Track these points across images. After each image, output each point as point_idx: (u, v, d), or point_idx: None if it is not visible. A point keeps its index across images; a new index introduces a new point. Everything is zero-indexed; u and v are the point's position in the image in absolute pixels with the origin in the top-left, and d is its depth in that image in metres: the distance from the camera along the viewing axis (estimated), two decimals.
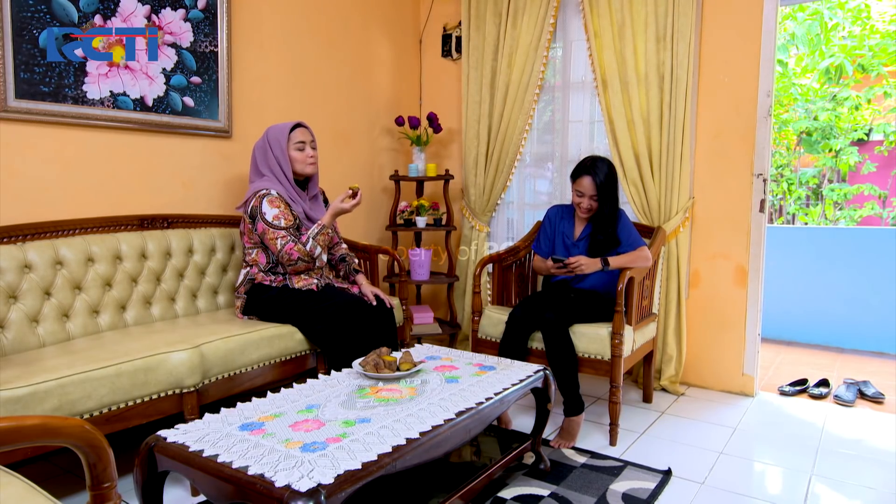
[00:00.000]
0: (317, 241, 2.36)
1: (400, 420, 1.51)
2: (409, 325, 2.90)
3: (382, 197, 3.71)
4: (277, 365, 2.26)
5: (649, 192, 3.01)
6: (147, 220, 2.44)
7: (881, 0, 6.98)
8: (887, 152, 7.52)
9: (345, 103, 3.41)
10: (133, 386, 1.80)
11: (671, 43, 2.89)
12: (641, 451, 2.33)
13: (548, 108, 3.53)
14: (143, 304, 2.38)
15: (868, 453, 2.37)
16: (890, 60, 6.91)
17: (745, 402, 2.90)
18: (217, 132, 2.71)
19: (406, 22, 3.81)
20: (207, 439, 1.38)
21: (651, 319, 2.77)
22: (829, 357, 3.88)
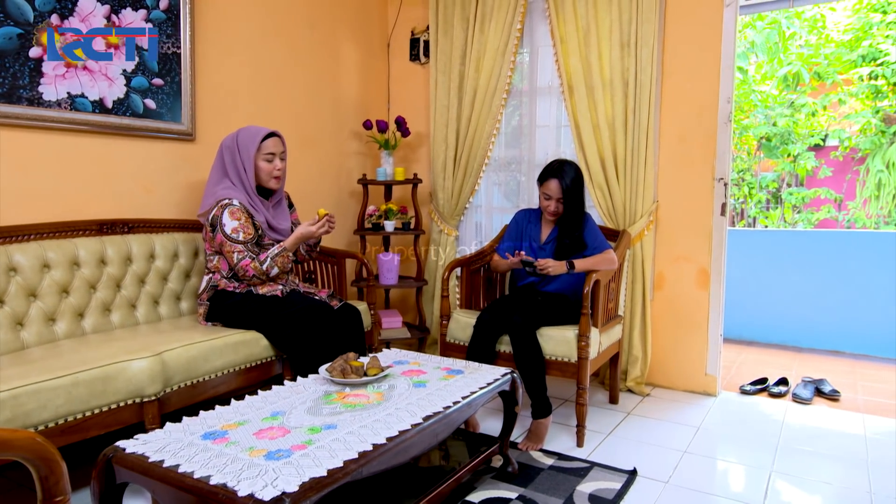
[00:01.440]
0: (275, 261, 2.32)
1: (367, 426, 1.50)
2: (377, 330, 2.89)
3: (350, 201, 3.69)
4: (242, 372, 2.22)
5: (615, 195, 3.06)
6: (106, 225, 2.38)
7: (835, 10, 7.25)
8: (842, 157, 7.82)
9: (312, 106, 3.38)
10: (91, 396, 1.75)
11: (635, 49, 2.94)
12: (608, 452, 2.36)
13: (516, 113, 3.56)
14: (102, 312, 2.31)
15: (825, 450, 2.45)
16: (844, 69, 7.19)
17: (708, 402, 2.97)
18: (180, 135, 2.66)
19: (374, 25, 3.80)
20: (168, 449, 1.35)
21: (617, 321, 2.82)
22: (787, 356, 4.00)
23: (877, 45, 7.08)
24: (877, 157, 7.45)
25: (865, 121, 7.31)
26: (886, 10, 7.02)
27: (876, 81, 7.14)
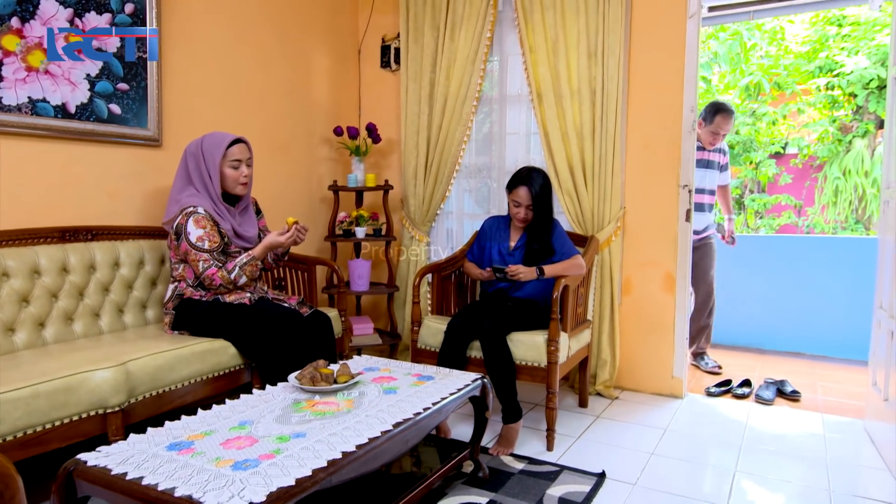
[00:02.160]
0: (243, 270, 2.30)
1: (336, 433, 1.49)
2: (348, 337, 2.87)
3: (321, 207, 3.67)
4: (209, 381, 2.19)
5: (583, 202, 3.11)
6: (69, 233, 2.32)
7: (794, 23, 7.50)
8: (801, 165, 8.08)
9: (282, 112, 3.36)
10: (51, 407, 1.71)
11: (602, 59, 3.01)
12: (577, 455, 2.39)
13: (486, 120, 3.60)
14: (63, 321, 2.26)
15: (786, 449, 2.52)
16: (802, 79, 7.43)
17: (675, 404, 3.03)
18: (146, 141, 2.62)
19: (345, 32, 3.80)
20: (132, 461, 1.32)
21: (586, 326, 2.86)
22: (751, 358, 4.11)
23: (833, 57, 7.36)
24: (834, 164, 7.73)
25: (823, 129, 7.58)
26: (841, 24, 7.30)
27: (832, 92, 7.42)
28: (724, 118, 3.42)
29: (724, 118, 3.42)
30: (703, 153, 3.50)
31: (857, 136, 7.63)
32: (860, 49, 7.24)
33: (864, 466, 2.37)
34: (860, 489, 2.17)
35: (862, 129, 7.59)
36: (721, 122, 3.42)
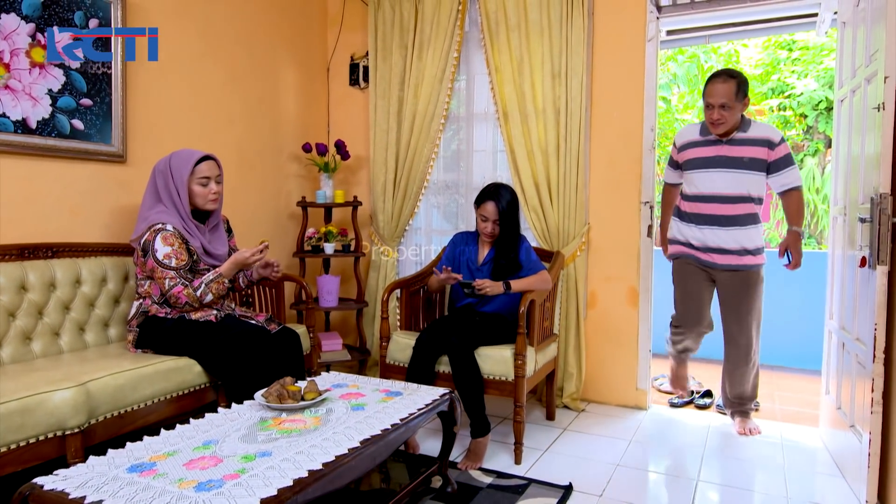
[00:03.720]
0: (209, 287, 2.27)
1: (303, 451, 1.49)
2: (316, 353, 2.86)
3: (289, 223, 3.66)
4: (174, 400, 2.15)
5: (549, 218, 3.18)
6: (28, 250, 2.27)
7: (747, 47, 7.83)
8: None
9: (250, 129, 3.35)
10: (7, 430, 1.66)
11: (565, 79, 3.10)
12: (545, 468, 2.42)
13: (454, 138, 3.65)
14: (21, 340, 2.19)
15: (746, 458, 2.60)
16: (757, 100, 7.74)
17: (640, 415, 3.09)
18: (110, 157, 2.58)
19: (314, 50, 3.82)
20: (91, 484, 1.30)
21: (552, 340, 2.91)
22: (712, 369, 4.20)
23: (784, 80, 7.70)
24: None
25: None
26: (791, 48, 7.66)
27: (784, 112, 7.75)
28: (710, 84, 2.60)
29: (710, 83, 2.60)
30: (707, 148, 2.69)
31: (807, 154, 7.97)
32: (809, 72, 7.59)
33: (820, 473, 2.46)
34: (817, 496, 2.25)
35: (812, 148, 7.93)
36: (709, 89, 2.60)
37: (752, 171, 2.64)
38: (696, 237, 2.80)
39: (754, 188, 2.66)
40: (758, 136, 2.62)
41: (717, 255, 2.76)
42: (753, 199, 2.68)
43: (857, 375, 2.25)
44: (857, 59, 2.39)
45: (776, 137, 2.62)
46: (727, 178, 2.67)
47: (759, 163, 2.63)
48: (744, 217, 2.68)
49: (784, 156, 2.61)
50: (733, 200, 2.68)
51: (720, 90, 2.55)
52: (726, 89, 2.54)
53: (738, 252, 2.71)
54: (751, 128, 2.63)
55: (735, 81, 2.54)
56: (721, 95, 2.54)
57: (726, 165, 2.66)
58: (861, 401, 2.16)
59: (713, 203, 2.72)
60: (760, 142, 2.61)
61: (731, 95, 2.53)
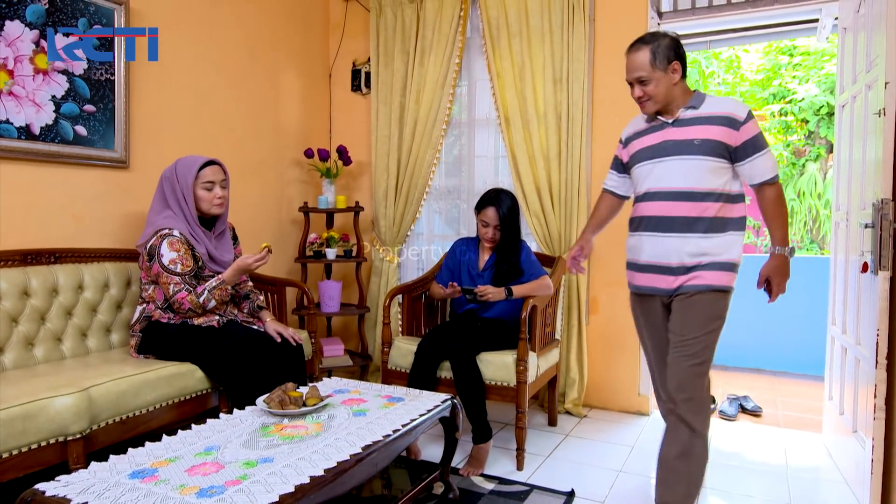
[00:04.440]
0: (212, 294, 2.28)
1: (304, 458, 1.49)
2: (318, 359, 2.86)
3: (291, 229, 3.66)
4: (176, 405, 2.15)
5: (550, 223, 3.18)
6: (31, 255, 2.27)
7: (749, 52, 7.85)
8: None
9: (252, 135, 3.36)
10: (9, 436, 1.66)
11: (567, 85, 3.10)
12: (547, 474, 2.41)
13: (456, 143, 3.66)
14: (24, 346, 2.19)
15: (749, 464, 2.59)
16: (758, 106, 7.76)
17: (642, 421, 3.08)
18: (113, 163, 2.59)
19: (315, 56, 3.84)
20: (93, 490, 1.30)
21: (554, 345, 2.90)
22: (714, 374, 4.19)
23: (785, 85, 7.72)
24: (789, 186, 8.05)
25: (778, 153, 7.91)
26: (793, 54, 7.68)
27: (786, 118, 7.77)
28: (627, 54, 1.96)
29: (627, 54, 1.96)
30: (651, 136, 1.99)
31: (809, 159, 7.98)
32: (810, 77, 7.61)
33: (823, 479, 2.45)
34: (820, 503, 2.24)
35: (814, 153, 7.94)
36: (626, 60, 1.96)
37: (706, 157, 1.87)
38: (635, 249, 2.05)
39: (713, 180, 1.88)
40: (714, 112, 1.89)
41: (658, 277, 1.96)
42: (712, 194, 1.88)
43: (859, 381, 2.25)
44: (857, 65, 2.39)
45: (740, 113, 1.86)
46: (673, 169, 1.92)
47: (717, 146, 1.86)
48: (698, 220, 1.88)
49: (752, 137, 1.86)
50: (680, 197, 1.90)
51: (632, 63, 1.94)
52: (638, 60, 1.91)
53: (690, 269, 1.91)
54: (704, 103, 1.92)
55: (648, 47, 1.89)
56: (634, 69, 1.92)
57: (672, 152, 1.92)
58: (864, 407, 2.16)
59: (655, 201, 1.96)
60: (717, 119, 1.88)
61: (647, 65, 1.89)
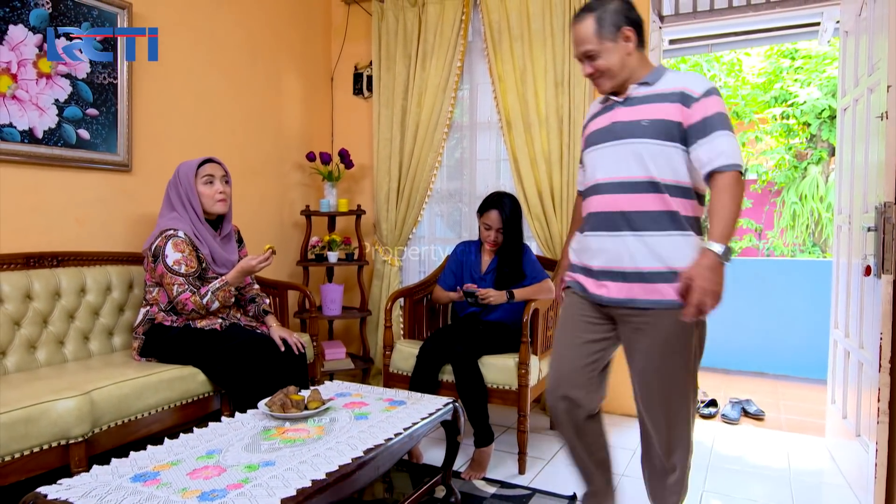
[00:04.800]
0: (216, 295, 2.28)
1: (306, 461, 1.49)
2: (320, 362, 2.86)
3: (293, 232, 3.67)
4: (178, 409, 2.15)
5: (552, 226, 3.18)
6: (34, 259, 2.28)
7: (750, 55, 7.85)
8: (760, 190, 8.39)
9: (254, 138, 3.37)
10: (11, 439, 1.66)
11: (568, 88, 3.11)
12: (549, 478, 2.41)
13: (457, 147, 3.66)
14: (26, 349, 2.20)
15: (751, 468, 2.58)
16: (759, 109, 7.76)
17: None
18: (116, 166, 2.59)
19: (317, 60, 3.85)
20: (94, 494, 1.30)
21: None
22: (717, 378, 4.20)
23: (787, 88, 7.72)
24: (791, 190, 8.04)
25: (780, 157, 7.91)
26: (794, 57, 7.68)
27: (788, 121, 7.76)
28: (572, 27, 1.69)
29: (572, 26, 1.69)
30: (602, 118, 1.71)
31: (811, 162, 7.97)
32: (812, 81, 7.61)
33: (826, 484, 2.44)
34: None
35: (816, 157, 7.93)
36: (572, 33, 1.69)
37: (657, 141, 1.57)
38: (581, 252, 1.75)
39: (665, 168, 1.57)
40: (668, 88, 1.59)
41: (606, 284, 1.65)
42: (666, 186, 1.57)
43: (862, 385, 2.24)
44: (859, 69, 2.39)
45: (697, 88, 1.56)
46: (620, 155, 1.62)
47: (669, 127, 1.56)
48: (649, 216, 1.58)
49: (708, 117, 1.53)
50: (628, 188, 1.60)
51: (576, 35, 1.64)
52: (583, 31, 1.62)
53: (641, 276, 1.58)
54: (662, 79, 1.62)
55: (592, 16, 1.61)
56: (579, 42, 1.64)
57: (620, 136, 1.62)
58: (867, 410, 2.15)
59: (600, 195, 1.66)
60: (671, 96, 1.57)
61: (592, 36, 1.60)
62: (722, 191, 1.50)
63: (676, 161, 1.58)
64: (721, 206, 1.49)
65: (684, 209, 1.59)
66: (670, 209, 1.57)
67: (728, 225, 1.48)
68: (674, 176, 1.58)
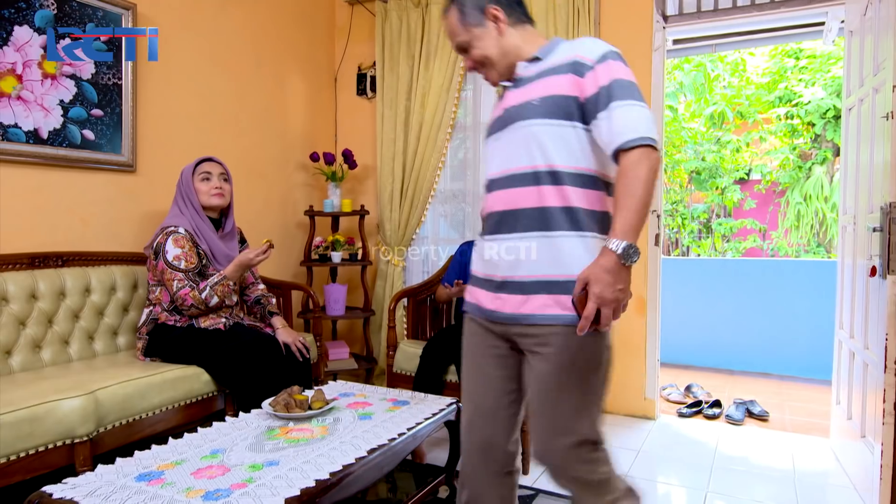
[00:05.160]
0: (214, 290, 2.29)
1: (310, 461, 1.49)
2: (323, 362, 2.86)
3: (297, 232, 3.67)
4: (182, 408, 2.16)
5: None
6: (39, 259, 2.29)
7: (754, 55, 7.84)
8: (765, 190, 8.37)
9: (258, 139, 3.37)
10: (16, 438, 1.67)
11: None
12: None
13: (461, 147, 3.66)
14: (31, 349, 2.21)
15: (755, 469, 2.57)
16: (764, 109, 7.74)
17: (648, 425, 3.07)
18: (120, 166, 2.60)
19: (321, 60, 3.85)
20: (99, 493, 1.30)
21: None
22: (720, 379, 4.19)
23: (791, 88, 7.70)
24: (795, 190, 8.02)
25: (784, 157, 7.89)
26: (799, 57, 7.66)
27: (792, 121, 7.74)
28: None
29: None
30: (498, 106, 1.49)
31: (816, 163, 7.95)
32: (817, 80, 7.59)
33: (831, 485, 2.43)
34: None
35: (821, 157, 7.91)
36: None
37: (549, 121, 1.30)
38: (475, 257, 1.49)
39: (562, 153, 1.30)
40: (559, 60, 1.34)
41: (501, 297, 1.37)
42: (564, 175, 1.29)
43: (868, 386, 2.23)
44: (864, 69, 2.39)
45: (590, 54, 1.30)
46: (511, 143, 1.37)
47: (564, 103, 1.30)
48: (543, 213, 1.30)
49: (607, 85, 1.26)
50: (518, 181, 1.34)
51: (446, 29, 1.49)
52: (449, 24, 1.46)
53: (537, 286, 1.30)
54: (554, 51, 1.38)
55: (454, 6, 1.44)
56: (450, 35, 1.48)
57: (511, 120, 1.37)
58: (872, 411, 2.14)
59: (491, 192, 1.42)
60: (562, 68, 1.32)
61: (458, 26, 1.44)
62: (625, 173, 1.21)
63: (575, 144, 1.30)
64: (624, 193, 1.20)
65: (588, 202, 1.30)
66: (568, 204, 1.29)
67: (633, 215, 1.19)
68: (572, 162, 1.30)
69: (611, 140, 1.24)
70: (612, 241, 1.18)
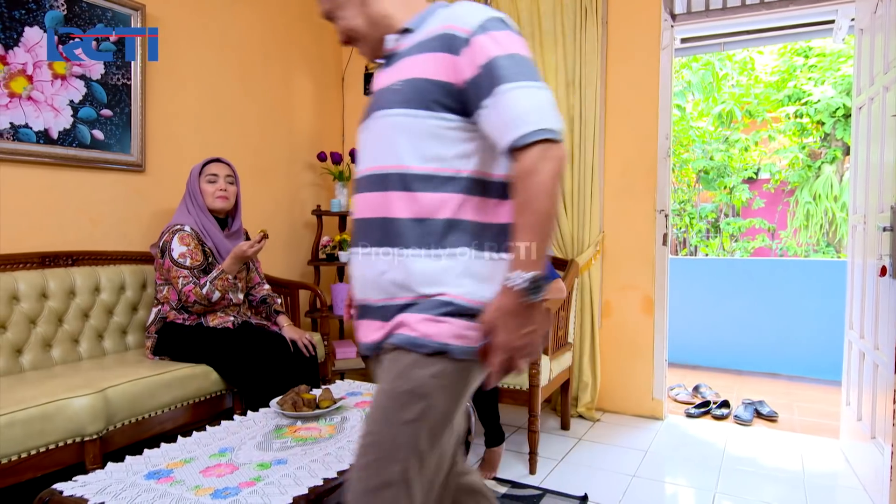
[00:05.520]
0: (214, 285, 2.30)
1: (318, 460, 1.49)
2: (331, 361, 2.87)
3: (304, 232, 3.68)
4: (190, 407, 2.17)
5: (563, 226, 3.17)
6: (49, 258, 2.30)
7: (763, 54, 7.79)
8: (773, 190, 8.31)
9: (265, 138, 3.39)
10: (27, 436, 1.68)
11: (579, 88, 3.10)
12: (560, 478, 2.40)
13: None
14: (41, 347, 2.23)
15: (764, 470, 2.56)
16: (772, 107, 7.69)
17: (656, 426, 3.06)
18: (129, 166, 2.62)
19: (328, 60, 3.86)
20: (109, 490, 1.31)
21: (567, 349, 2.89)
22: (729, 379, 4.16)
23: (801, 87, 7.65)
24: (804, 189, 7.97)
25: (793, 156, 7.84)
26: (808, 55, 7.61)
27: (801, 120, 7.69)
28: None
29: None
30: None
31: (825, 162, 7.89)
32: (826, 79, 7.53)
33: (841, 486, 2.41)
34: None
35: (830, 156, 7.85)
36: None
37: (409, 111, 1.05)
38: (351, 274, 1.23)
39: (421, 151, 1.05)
40: (431, 32, 1.07)
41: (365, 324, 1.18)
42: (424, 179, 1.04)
43: (878, 386, 2.22)
44: (875, 67, 2.37)
45: (466, 23, 1.02)
46: (372, 135, 1.12)
47: (427, 89, 1.04)
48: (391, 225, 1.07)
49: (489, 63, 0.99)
50: (376, 184, 1.09)
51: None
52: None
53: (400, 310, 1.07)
54: (428, 20, 1.11)
55: None
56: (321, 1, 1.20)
57: (374, 108, 1.12)
58: (882, 412, 2.12)
59: (356, 194, 1.16)
60: (431, 42, 1.05)
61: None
62: (521, 180, 0.96)
63: (446, 139, 1.04)
64: (523, 208, 0.96)
65: (459, 211, 1.04)
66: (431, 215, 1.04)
67: (535, 236, 0.95)
68: (435, 163, 1.04)
69: (500, 136, 0.98)
70: (511, 275, 0.95)
